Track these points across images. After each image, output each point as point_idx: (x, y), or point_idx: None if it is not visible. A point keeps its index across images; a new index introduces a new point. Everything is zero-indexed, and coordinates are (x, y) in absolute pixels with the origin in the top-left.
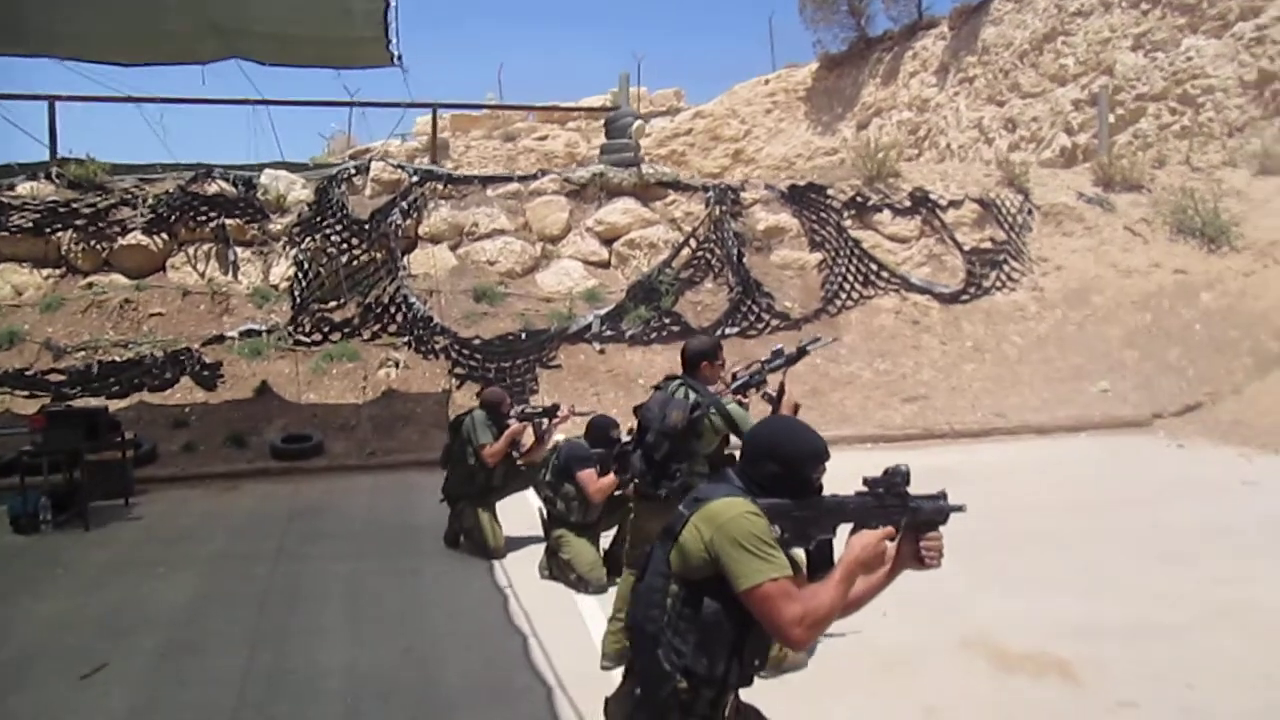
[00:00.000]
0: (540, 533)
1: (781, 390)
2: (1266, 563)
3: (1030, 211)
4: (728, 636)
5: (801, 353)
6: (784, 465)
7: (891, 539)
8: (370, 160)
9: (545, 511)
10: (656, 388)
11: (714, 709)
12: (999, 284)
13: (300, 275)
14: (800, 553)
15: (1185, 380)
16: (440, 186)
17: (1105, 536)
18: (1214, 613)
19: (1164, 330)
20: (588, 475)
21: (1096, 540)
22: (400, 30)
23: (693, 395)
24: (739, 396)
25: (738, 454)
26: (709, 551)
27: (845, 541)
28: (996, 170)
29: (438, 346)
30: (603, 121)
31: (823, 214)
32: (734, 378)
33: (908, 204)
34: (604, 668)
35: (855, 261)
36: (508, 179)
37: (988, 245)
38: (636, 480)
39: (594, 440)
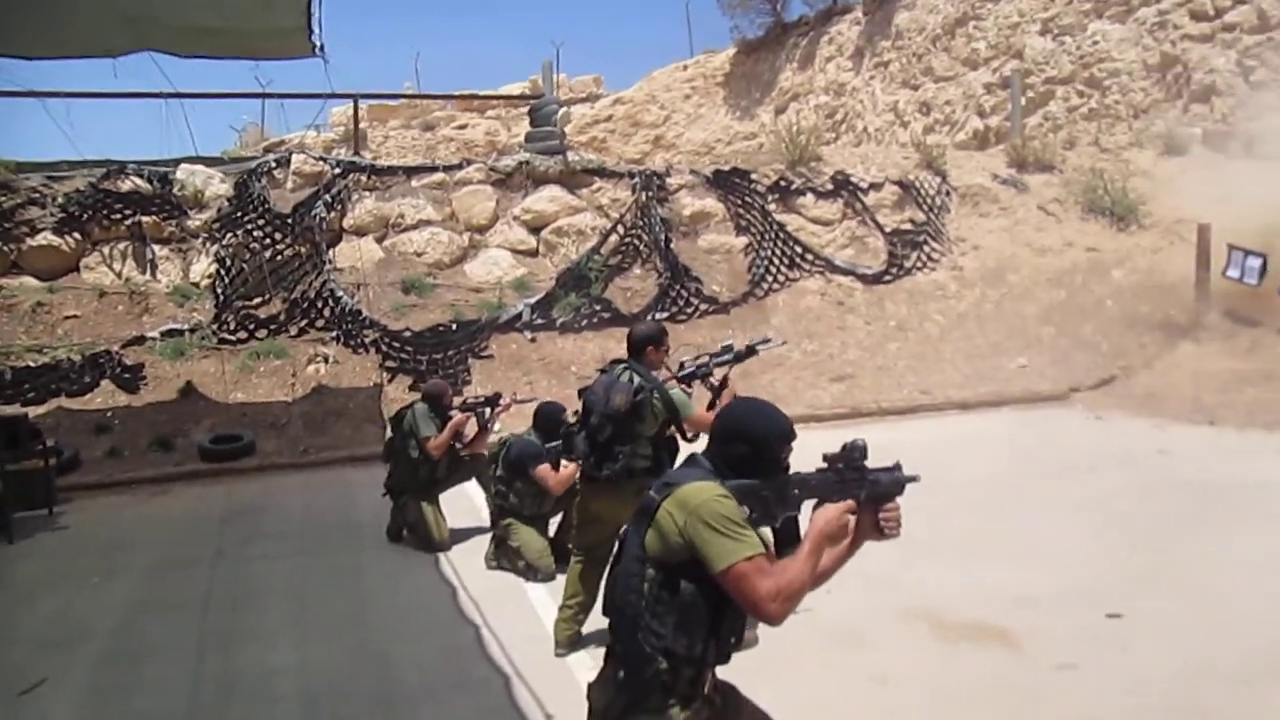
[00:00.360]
0: (484, 524)
1: (724, 382)
2: (1185, 529)
3: (948, 193)
4: (705, 616)
5: (750, 351)
6: (753, 445)
7: (853, 512)
8: (290, 153)
9: (494, 505)
10: (602, 371)
11: (694, 687)
12: (920, 264)
13: (222, 272)
14: (768, 531)
15: (1100, 355)
16: (364, 178)
17: (1033, 507)
18: (1140, 577)
19: (1078, 306)
20: (545, 471)
21: (1025, 511)
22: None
23: (637, 379)
24: (683, 385)
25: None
26: (683, 536)
27: (809, 517)
28: (914, 153)
29: (367, 340)
30: (522, 109)
31: (747, 198)
32: (682, 367)
33: (830, 187)
34: (558, 655)
35: (780, 245)
36: (433, 169)
37: (908, 226)
38: (580, 462)
39: (543, 428)
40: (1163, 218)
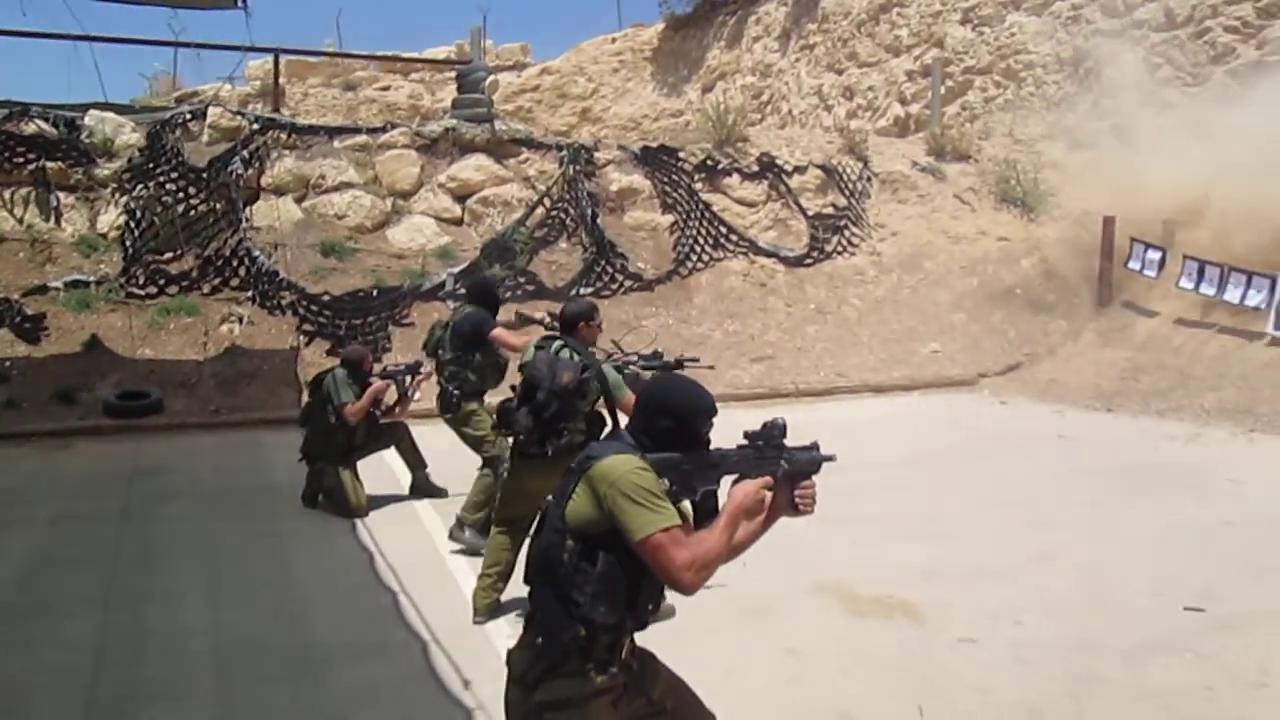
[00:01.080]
0: (402, 491)
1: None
2: (1079, 510)
3: (869, 179)
4: (623, 586)
5: (678, 364)
6: (677, 420)
7: (770, 488)
8: (206, 105)
9: (453, 389)
10: (538, 347)
11: (611, 653)
12: (840, 248)
13: (132, 224)
14: (687, 504)
15: (1007, 342)
16: (284, 136)
17: (940, 487)
18: (1037, 556)
19: (988, 294)
20: (501, 332)
21: (932, 490)
22: None
23: (577, 356)
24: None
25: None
26: (603, 507)
27: (728, 492)
28: (838, 138)
29: (284, 302)
30: (447, 74)
31: (674, 176)
32: (608, 357)
33: (756, 169)
34: (476, 622)
35: (706, 224)
36: (356, 130)
37: (830, 211)
38: (521, 438)
39: (479, 299)
40: (1071, 209)
